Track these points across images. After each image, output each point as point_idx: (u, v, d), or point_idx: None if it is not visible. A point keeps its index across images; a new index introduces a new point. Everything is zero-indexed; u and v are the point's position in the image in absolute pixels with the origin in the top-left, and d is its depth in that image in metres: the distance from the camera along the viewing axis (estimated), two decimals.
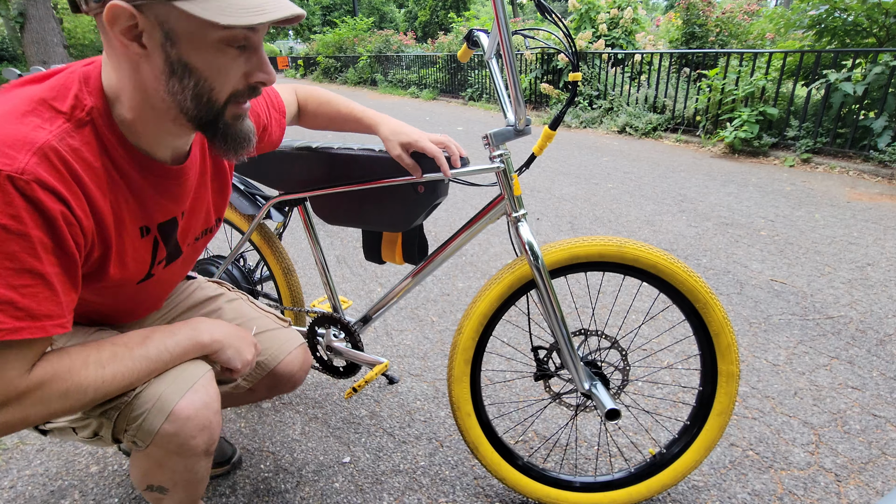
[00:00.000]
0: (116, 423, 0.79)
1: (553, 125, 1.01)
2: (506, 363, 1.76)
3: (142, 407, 0.77)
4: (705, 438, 1.11)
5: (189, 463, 0.84)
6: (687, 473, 1.14)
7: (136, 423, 0.78)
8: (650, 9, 21.25)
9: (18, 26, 11.32)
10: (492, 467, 1.15)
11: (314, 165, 1.18)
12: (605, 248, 1.01)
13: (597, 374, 1.11)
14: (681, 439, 1.15)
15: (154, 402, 0.77)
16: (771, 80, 4.75)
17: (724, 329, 1.03)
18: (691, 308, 1.04)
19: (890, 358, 1.74)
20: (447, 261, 1.47)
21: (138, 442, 0.80)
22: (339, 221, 1.24)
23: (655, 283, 1.05)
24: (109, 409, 0.79)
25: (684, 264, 1.02)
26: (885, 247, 2.67)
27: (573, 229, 3.01)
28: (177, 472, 0.85)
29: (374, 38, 13.77)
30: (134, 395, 0.77)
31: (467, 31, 1.22)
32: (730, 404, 1.08)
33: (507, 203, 1.05)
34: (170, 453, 0.81)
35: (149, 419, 0.77)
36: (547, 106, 7.53)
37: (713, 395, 1.09)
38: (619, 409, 1.03)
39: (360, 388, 1.26)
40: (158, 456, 0.82)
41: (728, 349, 1.04)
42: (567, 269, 1.06)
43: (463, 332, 1.09)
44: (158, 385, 0.78)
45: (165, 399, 0.77)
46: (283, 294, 1.43)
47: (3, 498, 1.26)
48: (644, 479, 1.16)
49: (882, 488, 1.24)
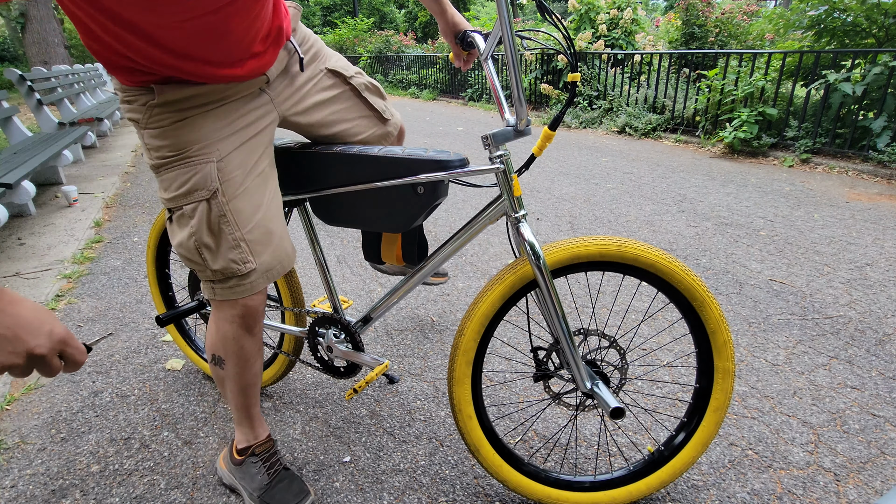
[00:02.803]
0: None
1: (552, 125, 1.01)
2: (505, 364, 1.77)
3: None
4: (703, 434, 1.13)
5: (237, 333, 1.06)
6: (685, 469, 1.15)
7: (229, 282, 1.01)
8: (650, 9, 21.25)
9: (19, 27, 11.32)
10: (493, 469, 1.16)
11: (314, 166, 1.18)
12: (605, 248, 1.02)
13: (597, 373, 1.11)
14: (678, 436, 1.17)
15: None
16: (770, 80, 4.76)
17: (720, 326, 1.04)
18: (688, 306, 1.06)
19: (889, 358, 1.75)
20: (447, 261, 1.48)
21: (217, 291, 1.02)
22: (339, 222, 1.24)
23: (654, 282, 1.06)
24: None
25: (682, 263, 1.04)
26: (884, 247, 2.67)
27: (573, 229, 3.01)
28: (227, 340, 1.07)
29: (375, 38, 13.77)
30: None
31: (462, 33, 1.22)
32: (726, 400, 1.09)
33: (507, 203, 1.05)
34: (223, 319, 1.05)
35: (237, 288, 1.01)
36: (547, 106, 7.54)
37: (709, 392, 1.10)
38: (623, 407, 1.04)
39: (360, 388, 1.26)
40: (217, 319, 1.06)
41: (724, 346, 1.06)
42: (568, 268, 1.06)
43: (465, 333, 1.09)
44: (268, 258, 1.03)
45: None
46: (284, 294, 1.43)
47: (4, 497, 1.26)
48: (643, 477, 1.16)
49: (881, 488, 1.25)
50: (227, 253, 0.98)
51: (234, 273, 0.99)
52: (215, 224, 0.97)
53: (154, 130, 0.97)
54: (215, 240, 0.98)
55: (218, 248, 0.98)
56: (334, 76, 1.21)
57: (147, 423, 1.52)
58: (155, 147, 0.98)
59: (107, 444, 1.43)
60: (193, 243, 0.98)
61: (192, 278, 1.52)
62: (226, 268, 0.99)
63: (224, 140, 0.98)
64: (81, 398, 1.63)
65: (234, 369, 1.11)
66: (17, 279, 2.49)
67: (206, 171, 0.96)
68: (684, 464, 1.14)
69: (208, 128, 0.97)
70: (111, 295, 2.32)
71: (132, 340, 1.95)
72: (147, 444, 1.43)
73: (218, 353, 1.10)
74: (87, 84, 7.70)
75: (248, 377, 1.13)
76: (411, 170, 1.08)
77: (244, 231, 0.99)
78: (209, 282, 1.03)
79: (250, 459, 1.21)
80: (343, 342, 1.34)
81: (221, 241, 0.98)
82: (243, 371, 1.11)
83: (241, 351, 1.08)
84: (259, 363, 1.14)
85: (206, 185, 0.96)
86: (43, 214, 3.48)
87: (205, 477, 1.31)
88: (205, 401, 1.61)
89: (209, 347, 1.12)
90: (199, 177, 0.96)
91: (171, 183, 0.98)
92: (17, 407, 1.60)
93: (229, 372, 1.11)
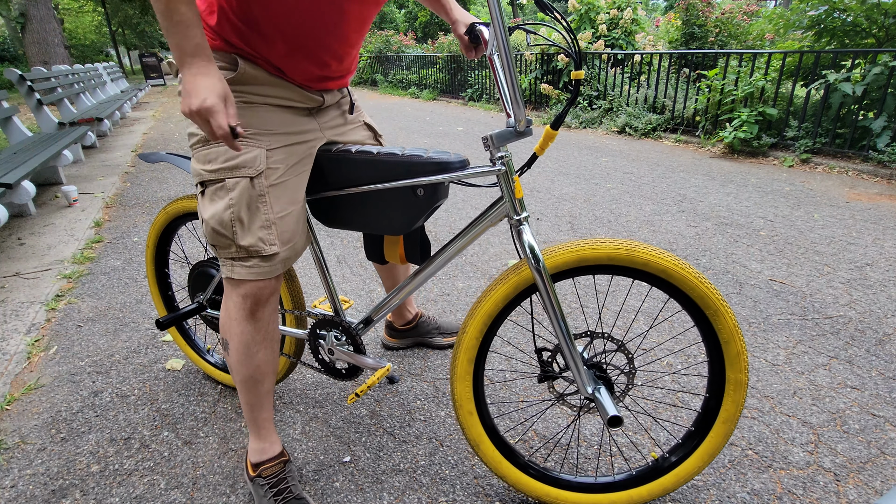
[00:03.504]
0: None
1: (555, 125, 0.99)
2: (509, 363, 1.77)
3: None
4: (710, 445, 1.10)
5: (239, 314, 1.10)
6: (689, 479, 1.13)
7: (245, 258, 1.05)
8: (650, 9, 21.24)
9: (19, 27, 11.33)
10: (492, 464, 1.16)
11: (312, 169, 1.17)
12: (614, 251, 0.99)
13: (601, 377, 1.09)
14: (685, 445, 1.14)
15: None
16: (770, 80, 4.76)
17: (734, 337, 1.00)
18: (701, 315, 1.02)
19: (889, 358, 1.75)
20: (448, 263, 1.47)
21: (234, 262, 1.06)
22: (339, 225, 1.22)
23: (665, 287, 1.03)
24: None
25: (695, 270, 1.00)
26: (883, 247, 2.67)
27: (573, 229, 3.01)
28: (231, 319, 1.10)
29: (375, 38, 13.77)
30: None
31: (469, 25, 1.21)
32: (736, 412, 1.06)
33: (508, 206, 1.04)
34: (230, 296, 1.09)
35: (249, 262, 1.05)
36: (547, 106, 7.54)
37: (720, 403, 1.07)
38: (622, 416, 1.02)
39: (362, 393, 1.26)
40: (226, 299, 1.11)
41: (737, 357, 1.02)
42: (575, 271, 1.04)
43: (467, 332, 1.09)
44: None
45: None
46: (284, 296, 1.42)
47: (4, 497, 1.26)
48: (645, 483, 1.15)
49: (881, 487, 1.25)
50: (258, 231, 1.04)
51: (258, 252, 1.04)
52: (254, 202, 1.03)
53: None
54: (250, 216, 1.03)
55: (250, 225, 1.03)
56: (369, 129, 1.34)
57: (147, 423, 1.52)
58: None
59: (107, 444, 1.43)
60: (230, 215, 1.02)
61: (191, 279, 1.52)
62: (253, 245, 1.04)
63: (276, 135, 1.06)
64: (81, 398, 1.63)
65: (236, 355, 1.13)
66: (17, 279, 2.49)
67: (256, 153, 1.03)
68: (688, 473, 1.12)
69: (268, 119, 1.05)
70: (111, 295, 2.32)
71: (132, 340, 1.95)
72: (147, 444, 1.43)
73: (224, 335, 1.14)
74: (87, 84, 7.70)
75: (249, 367, 1.14)
76: (411, 172, 1.07)
77: (277, 216, 1.05)
78: (230, 259, 1.06)
79: (258, 481, 1.20)
80: (344, 345, 1.34)
81: (255, 218, 1.04)
82: (244, 359, 1.13)
83: (241, 335, 1.11)
84: (263, 356, 1.15)
85: (253, 165, 1.02)
86: (43, 214, 3.48)
87: (205, 477, 1.31)
88: (205, 401, 1.61)
89: (220, 331, 1.16)
90: (249, 157, 1.02)
91: (218, 156, 1.03)
92: (17, 407, 1.60)
93: (232, 358, 1.14)
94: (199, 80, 0.88)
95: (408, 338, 1.83)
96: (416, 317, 1.81)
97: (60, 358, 1.85)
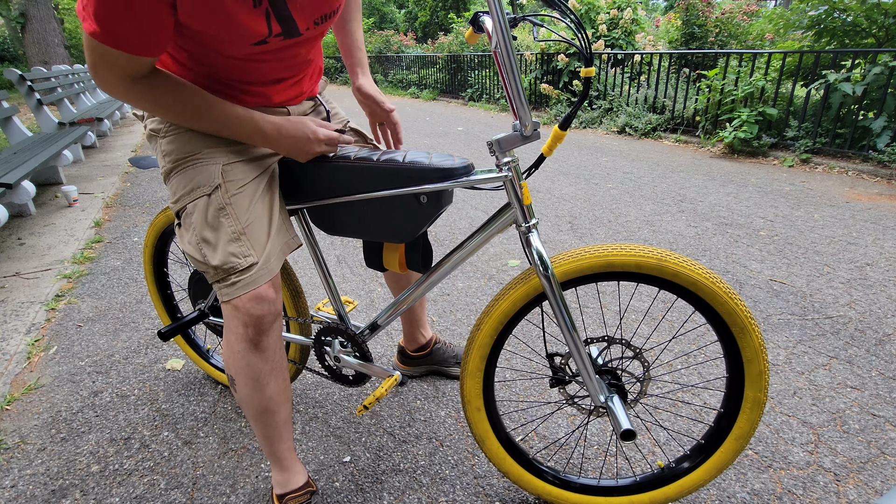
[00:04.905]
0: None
1: (563, 125, 0.94)
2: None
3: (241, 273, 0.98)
4: (718, 460, 1.08)
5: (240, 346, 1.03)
6: (693, 491, 1.11)
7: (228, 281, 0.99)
8: (650, 9, 21.24)
9: (19, 27, 11.32)
10: (496, 460, 1.16)
11: (309, 176, 1.12)
12: (643, 259, 0.95)
13: (614, 385, 1.06)
14: (693, 456, 1.12)
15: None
16: (770, 80, 4.76)
17: (758, 356, 0.97)
18: (727, 331, 0.99)
19: (889, 358, 1.75)
20: (454, 269, 1.43)
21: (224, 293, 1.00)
22: (340, 232, 1.18)
23: (692, 300, 0.99)
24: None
25: (726, 284, 0.96)
26: (883, 247, 2.67)
27: (573, 229, 3.01)
28: (234, 353, 1.04)
29: (375, 38, 13.77)
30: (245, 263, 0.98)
31: (473, 14, 1.18)
32: (750, 431, 1.03)
33: (516, 213, 1.00)
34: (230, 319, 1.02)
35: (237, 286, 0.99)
36: (547, 106, 7.54)
37: (734, 420, 1.04)
38: (635, 429, 0.98)
39: (370, 405, 1.22)
40: (226, 333, 1.04)
41: (759, 377, 0.99)
42: (600, 276, 1.01)
43: (482, 329, 1.07)
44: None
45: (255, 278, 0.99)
46: (287, 304, 1.40)
47: (4, 497, 1.26)
48: (648, 490, 1.14)
49: (881, 487, 1.25)
50: (227, 246, 0.97)
51: (234, 267, 0.97)
52: (214, 218, 0.97)
53: (171, 136, 1.02)
54: (214, 234, 0.97)
55: (217, 243, 0.97)
56: (358, 135, 1.30)
57: (147, 423, 1.52)
58: (168, 151, 1.02)
59: (107, 444, 1.44)
60: (195, 238, 0.98)
61: (192, 285, 1.51)
62: (225, 262, 0.96)
63: (233, 151, 1.02)
64: (81, 398, 1.63)
65: (244, 390, 1.06)
66: (17, 279, 2.49)
67: (211, 170, 0.99)
68: (693, 484, 1.11)
69: (221, 138, 1.02)
70: (111, 295, 2.32)
71: (132, 340, 1.95)
72: (147, 444, 1.43)
73: (230, 371, 1.06)
74: (86, 84, 7.70)
75: (261, 400, 1.07)
76: (413, 179, 1.02)
77: (244, 224, 0.98)
78: (215, 283, 1.01)
79: None
80: (350, 353, 1.31)
81: (221, 234, 0.97)
82: (254, 392, 1.06)
83: (248, 368, 1.04)
84: (275, 387, 1.08)
85: (208, 182, 0.98)
86: (43, 214, 3.49)
87: (205, 477, 1.31)
88: (205, 401, 1.61)
89: (225, 368, 1.10)
90: (202, 176, 0.99)
91: (178, 185, 1.01)
92: (17, 407, 1.60)
93: (241, 393, 1.07)
94: (282, 131, 0.96)
95: (421, 365, 1.70)
96: (431, 342, 1.66)
97: (60, 358, 1.85)
